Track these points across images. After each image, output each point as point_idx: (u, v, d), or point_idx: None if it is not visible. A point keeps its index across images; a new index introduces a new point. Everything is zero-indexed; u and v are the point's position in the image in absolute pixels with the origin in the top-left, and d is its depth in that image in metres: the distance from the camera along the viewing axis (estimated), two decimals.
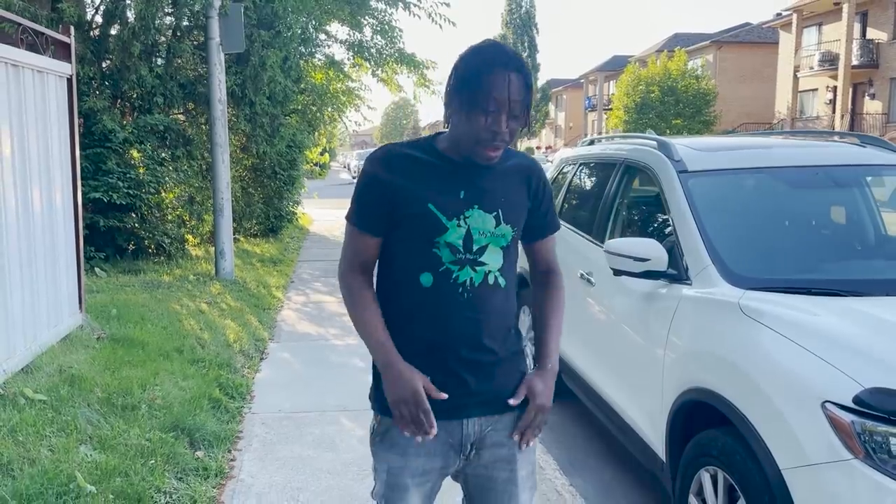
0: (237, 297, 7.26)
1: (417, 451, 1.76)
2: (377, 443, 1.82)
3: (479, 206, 1.72)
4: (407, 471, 1.77)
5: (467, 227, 1.70)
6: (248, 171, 11.91)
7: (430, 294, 1.70)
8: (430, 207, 1.68)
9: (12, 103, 4.26)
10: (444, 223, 1.69)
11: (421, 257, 1.70)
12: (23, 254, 4.35)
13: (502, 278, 1.75)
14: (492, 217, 1.72)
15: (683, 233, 3.12)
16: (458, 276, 1.70)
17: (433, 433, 1.68)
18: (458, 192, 1.71)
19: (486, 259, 1.72)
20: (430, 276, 1.70)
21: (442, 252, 1.70)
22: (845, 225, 3.53)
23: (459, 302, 1.70)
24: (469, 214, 1.70)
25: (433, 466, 1.78)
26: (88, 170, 7.63)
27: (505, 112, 1.62)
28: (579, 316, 4.03)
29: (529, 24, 46.16)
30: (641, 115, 33.73)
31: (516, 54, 1.68)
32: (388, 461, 1.78)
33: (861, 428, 2.03)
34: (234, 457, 3.74)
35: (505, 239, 1.74)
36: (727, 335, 2.62)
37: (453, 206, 1.70)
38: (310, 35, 11.30)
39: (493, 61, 1.62)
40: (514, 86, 1.62)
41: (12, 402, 3.63)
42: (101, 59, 8.53)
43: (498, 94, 1.61)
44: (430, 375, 1.71)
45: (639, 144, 3.96)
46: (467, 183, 1.72)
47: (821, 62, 30.66)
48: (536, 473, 1.90)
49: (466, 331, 1.72)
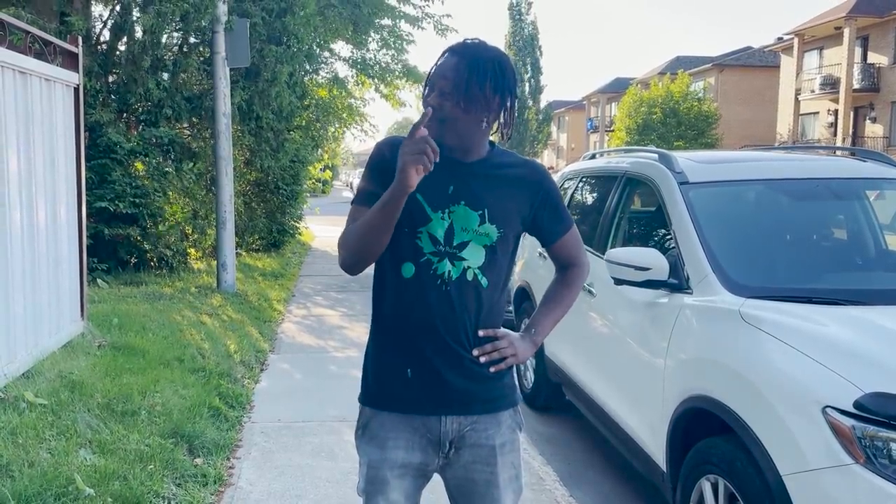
0: (238, 310, 7.27)
1: (396, 443, 1.78)
2: (359, 436, 1.85)
3: (465, 202, 1.74)
4: (386, 464, 1.78)
5: (450, 221, 1.73)
6: (251, 185, 11.97)
7: (412, 284, 1.74)
8: (417, 196, 1.70)
9: (19, 111, 4.30)
10: (428, 213, 1.72)
11: (404, 246, 1.73)
12: (26, 260, 4.37)
13: (484, 278, 1.75)
14: (476, 215, 1.74)
15: (684, 242, 3.14)
16: (437, 268, 1.72)
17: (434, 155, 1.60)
18: (447, 187, 1.74)
19: (467, 255, 1.74)
20: (412, 267, 1.73)
21: (423, 242, 1.73)
22: (845, 236, 3.55)
23: (439, 293, 1.72)
24: (454, 209, 1.73)
25: (411, 461, 1.79)
26: (93, 181, 7.68)
27: (437, 88, 1.70)
28: (580, 326, 4.04)
29: (533, 45, 46.41)
30: (643, 136, 33.87)
31: (476, 44, 1.73)
32: (369, 454, 1.81)
33: (862, 433, 2.04)
34: (233, 464, 3.73)
35: (489, 238, 1.75)
36: (728, 342, 2.63)
37: (440, 199, 1.73)
38: (314, 52, 11.41)
39: (450, 49, 1.73)
40: (447, 65, 1.70)
41: (13, 405, 3.63)
42: (108, 73, 8.61)
43: (436, 73, 1.71)
44: (409, 366, 1.75)
45: (640, 157, 3.99)
46: (458, 180, 1.75)
47: (822, 86, 30.83)
48: (521, 478, 1.88)
49: (446, 323, 1.73)
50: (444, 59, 1.72)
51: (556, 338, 4.51)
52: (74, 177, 5.20)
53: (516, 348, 1.81)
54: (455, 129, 1.72)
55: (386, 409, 1.80)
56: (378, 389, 1.82)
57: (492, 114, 1.73)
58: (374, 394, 1.82)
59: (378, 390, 1.82)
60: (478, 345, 1.77)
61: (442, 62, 1.72)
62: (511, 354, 1.79)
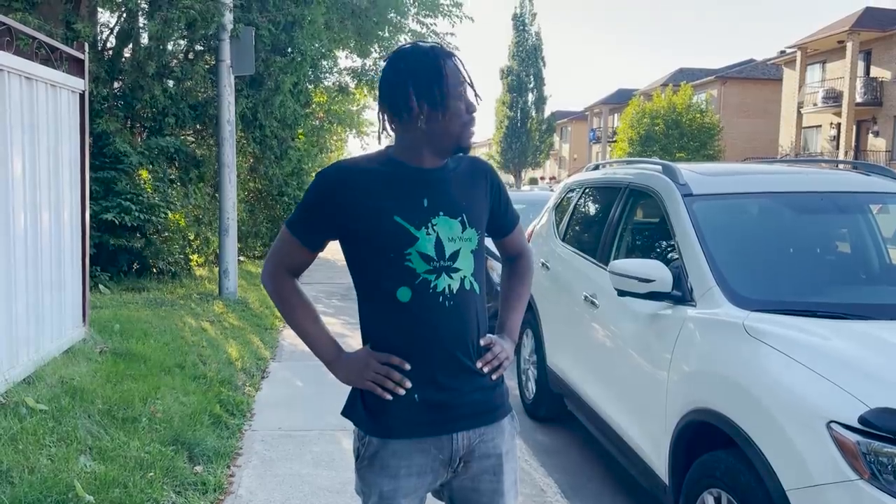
0: (240, 317, 7.26)
1: (409, 471, 1.73)
2: (365, 466, 1.76)
3: (443, 212, 1.69)
4: (400, 492, 1.73)
5: (436, 235, 1.68)
6: (254, 192, 12.01)
7: (412, 308, 1.67)
8: (396, 220, 1.65)
9: (25, 116, 4.32)
10: (412, 233, 1.66)
11: (395, 272, 1.66)
12: (30, 265, 4.37)
13: (476, 283, 1.74)
14: (457, 222, 1.71)
15: (688, 255, 3.13)
16: (436, 286, 1.67)
17: (407, 384, 1.68)
18: (421, 201, 1.68)
19: (460, 265, 1.70)
20: (408, 291, 1.66)
21: (415, 263, 1.66)
22: (849, 250, 3.54)
23: (444, 310, 1.67)
24: (436, 222, 1.68)
25: (423, 483, 1.76)
26: (99, 191, 7.70)
27: (467, 92, 1.68)
28: (583, 337, 4.03)
29: (536, 56, 46.47)
30: (645, 147, 33.91)
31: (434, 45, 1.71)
32: (380, 485, 1.73)
33: (867, 448, 2.02)
34: (233, 472, 3.71)
35: (472, 243, 1.73)
36: (732, 355, 2.61)
37: (419, 215, 1.67)
38: (318, 62, 11.47)
39: (436, 53, 1.66)
40: (459, 67, 1.68)
41: (14, 411, 3.63)
42: (114, 80, 8.65)
43: (461, 77, 1.67)
44: (420, 392, 1.69)
45: (644, 169, 3.99)
46: (428, 190, 1.70)
47: (825, 99, 30.88)
48: (519, 483, 1.89)
49: (454, 339, 1.70)
50: (447, 64, 1.66)
51: (558, 348, 4.51)
52: (79, 182, 5.21)
53: (508, 352, 1.81)
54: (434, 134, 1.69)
55: (395, 438, 1.72)
56: (385, 418, 1.73)
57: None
58: (382, 423, 1.73)
59: (385, 419, 1.73)
60: (480, 354, 1.75)
61: (453, 67, 1.67)
62: (506, 358, 1.79)
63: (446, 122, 1.65)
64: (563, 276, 4.55)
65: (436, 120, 1.65)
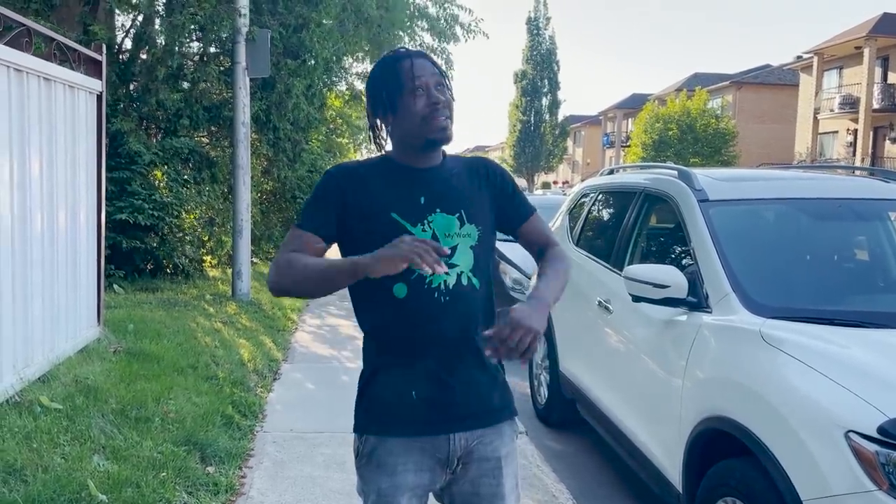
0: (252, 318, 7.29)
1: (405, 468, 1.73)
2: (363, 465, 1.77)
3: (440, 209, 1.71)
4: (398, 490, 1.73)
5: (432, 231, 1.70)
6: (267, 194, 12.05)
7: (408, 303, 1.68)
8: (392, 216, 1.68)
9: (43, 116, 4.36)
10: (408, 229, 1.68)
11: None
12: (46, 265, 4.41)
13: (475, 279, 1.73)
14: (455, 218, 1.72)
15: (704, 261, 3.11)
16: (431, 281, 1.67)
17: (446, 250, 1.57)
18: (418, 198, 1.71)
19: (458, 260, 1.71)
20: (404, 287, 1.67)
21: None
22: (867, 258, 3.50)
23: (439, 306, 1.68)
24: (432, 219, 1.71)
25: (421, 482, 1.76)
26: (114, 191, 7.75)
27: (431, 86, 1.69)
28: (596, 343, 4.01)
29: (551, 60, 46.44)
30: (659, 152, 33.78)
31: (413, 49, 1.79)
32: (378, 483, 1.74)
33: (885, 458, 1.99)
34: (245, 474, 3.72)
35: (472, 238, 1.73)
36: (748, 363, 2.59)
37: (415, 212, 1.70)
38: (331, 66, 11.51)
39: (396, 57, 1.74)
40: (419, 64, 1.71)
41: (28, 409, 3.65)
42: (129, 81, 8.72)
43: (416, 74, 1.69)
44: (416, 388, 1.70)
45: (659, 174, 3.97)
46: (426, 188, 1.73)
47: (841, 105, 30.64)
48: (519, 485, 1.87)
49: (450, 335, 1.70)
50: (403, 62, 1.71)
51: (570, 353, 4.48)
52: (95, 183, 5.25)
53: (529, 322, 1.52)
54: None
55: (392, 435, 1.73)
56: (382, 415, 1.74)
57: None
58: (379, 421, 1.75)
59: (382, 416, 1.74)
60: (482, 349, 1.61)
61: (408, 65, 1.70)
62: (526, 334, 1.51)
63: (401, 120, 1.71)
64: (577, 281, 4.50)
65: (394, 122, 1.73)
